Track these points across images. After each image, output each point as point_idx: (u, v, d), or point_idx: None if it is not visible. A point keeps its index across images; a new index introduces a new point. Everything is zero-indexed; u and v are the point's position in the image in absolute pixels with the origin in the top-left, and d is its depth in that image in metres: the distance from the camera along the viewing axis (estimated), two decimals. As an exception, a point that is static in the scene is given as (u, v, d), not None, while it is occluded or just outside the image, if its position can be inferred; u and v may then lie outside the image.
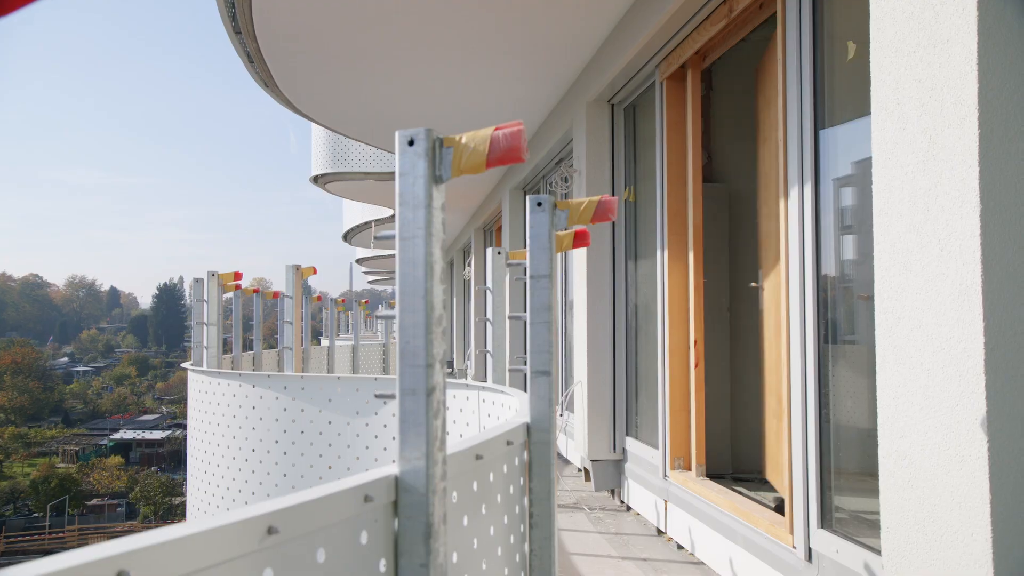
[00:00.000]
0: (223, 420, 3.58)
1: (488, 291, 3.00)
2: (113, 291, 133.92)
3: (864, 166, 3.02)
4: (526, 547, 1.59)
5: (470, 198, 12.85)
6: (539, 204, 1.62)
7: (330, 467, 3.27)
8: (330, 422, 3.27)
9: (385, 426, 3.13)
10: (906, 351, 2.11)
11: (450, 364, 21.44)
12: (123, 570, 0.68)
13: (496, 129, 1.04)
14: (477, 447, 1.29)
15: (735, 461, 5.63)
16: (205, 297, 4.40)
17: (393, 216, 14.65)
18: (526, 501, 1.60)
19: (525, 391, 3.06)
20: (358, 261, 28.18)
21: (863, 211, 3.13)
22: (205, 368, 3.84)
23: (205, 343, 4.33)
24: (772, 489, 4.81)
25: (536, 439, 1.60)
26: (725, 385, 5.59)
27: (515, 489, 1.53)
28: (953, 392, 1.91)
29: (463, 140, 1.04)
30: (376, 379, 3.25)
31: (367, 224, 15.68)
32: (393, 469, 1.07)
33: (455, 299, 21.57)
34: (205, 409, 3.71)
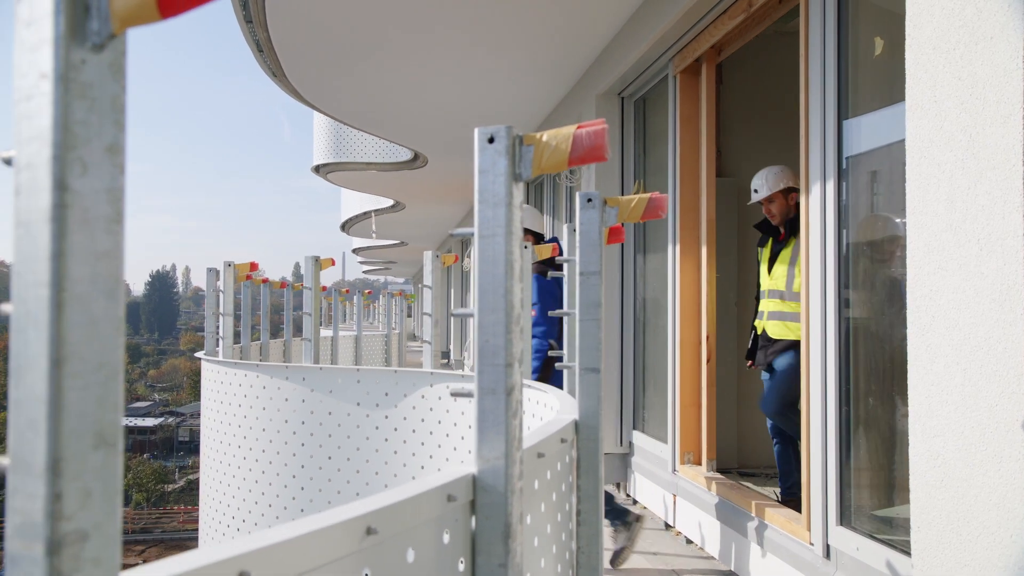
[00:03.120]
0: (239, 411, 3.57)
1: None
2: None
3: (889, 158, 3.02)
4: (573, 544, 1.59)
5: (468, 189, 12.81)
6: (589, 200, 1.61)
7: (348, 459, 3.27)
8: (349, 414, 3.26)
9: (405, 419, 3.12)
10: (941, 350, 2.11)
11: (446, 355, 21.41)
12: (245, 570, 0.67)
13: (579, 127, 1.03)
14: (539, 445, 1.29)
15: (741, 456, 5.65)
16: (221, 287, 4.38)
17: (393, 206, 14.59)
18: (574, 498, 1.59)
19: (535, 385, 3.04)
20: (354, 251, 28.15)
21: (888, 204, 3.13)
22: (221, 358, 3.83)
23: (220, 333, 4.31)
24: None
25: (584, 436, 1.59)
26: (732, 380, 5.60)
27: (566, 487, 1.53)
28: (992, 392, 1.92)
29: (544, 138, 1.02)
30: (396, 371, 3.25)
31: (366, 214, 15.64)
32: (469, 468, 1.06)
33: (451, 289, 21.55)
34: (220, 400, 3.69)
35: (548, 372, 4.36)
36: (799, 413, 3.93)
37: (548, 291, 4.48)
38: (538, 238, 4.70)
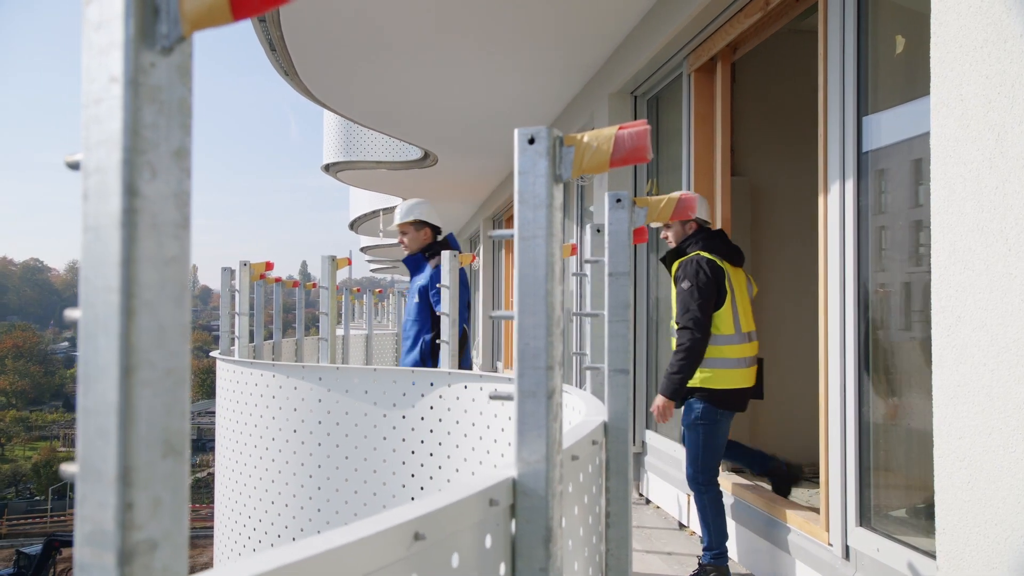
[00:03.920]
0: (255, 410, 3.57)
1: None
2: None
3: (909, 153, 3.00)
4: (602, 547, 1.58)
5: (478, 188, 12.81)
6: (618, 200, 1.60)
7: (365, 459, 3.26)
8: (366, 414, 3.26)
9: (422, 419, 3.12)
10: (967, 351, 2.09)
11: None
12: (302, 578, 0.66)
13: (620, 128, 1.02)
14: (573, 447, 1.28)
15: (754, 455, 5.62)
16: (237, 287, 4.38)
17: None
18: (603, 500, 1.58)
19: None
20: (362, 249, 28.16)
21: (908, 202, 3.11)
22: (237, 358, 3.83)
23: (236, 333, 4.33)
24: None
25: (614, 437, 1.59)
26: (745, 379, 5.57)
27: (596, 489, 1.52)
28: (1021, 393, 1.90)
29: (585, 139, 1.02)
30: (413, 371, 3.24)
31: (375, 213, 15.64)
32: (509, 472, 1.06)
33: (460, 289, 21.56)
34: (236, 399, 3.70)
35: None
36: (716, 481, 3.80)
37: (462, 282, 4.54)
38: (435, 231, 4.86)
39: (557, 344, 1.04)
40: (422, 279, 4.67)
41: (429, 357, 4.49)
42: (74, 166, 0.53)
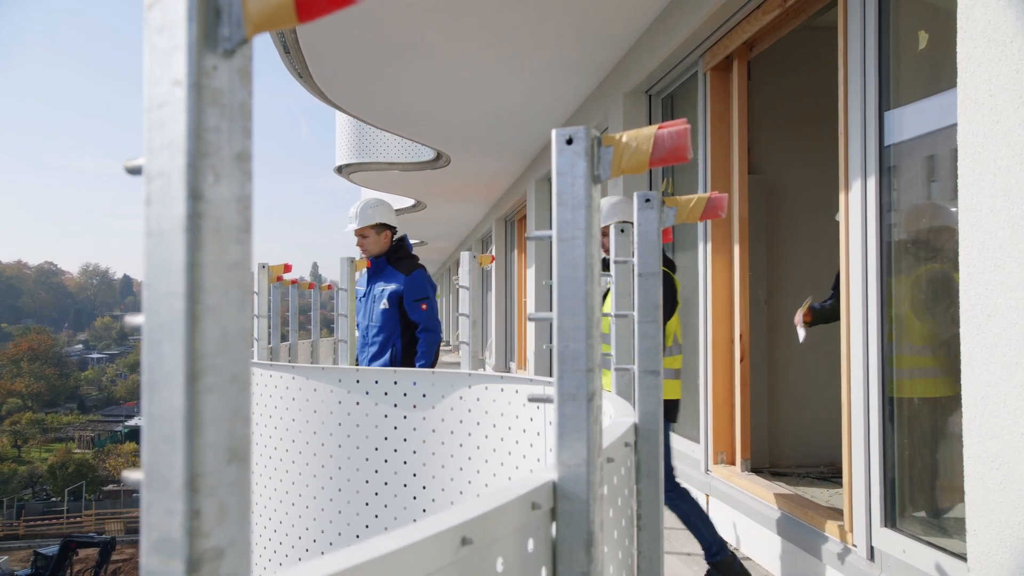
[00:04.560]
0: (275, 412, 3.58)
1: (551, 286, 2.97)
2: (126, 279, 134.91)
3: (933, 147, 2.97)
4: (634, 550, 1.57)
5: (491, 188, 12.81)
6: (647, 200, 1.59)
7: (386, 460, 3.26)
8: (386, 416, 3.25)
9: (443, 420, 3.12)
10: (998, 349, 2.06)
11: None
12: (358, 583, 0.66)
13: (660, 127, 1.01)
14: (608, 449, 1.27)
15: (772, 456, 5.59)
16: (256, 288, 4.40)
17: (414, 206, 14.59)
18: (634, 503, 1.57)
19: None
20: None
21: (931, 196, 3.08)
22: (257, 360, 3.84)
23: (256, 335, 4.35)
24: (812, 484, 4.78)
25: (644, 439, 1.57)
26: (762, 379, 5.54)
27: (628, 491, 1.51)
28: (1055, 393, 1.87)
29: (623, 139, 1.01)
30: (433, 372, 3.24)
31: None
32: (549, 475, 1.05)
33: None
34: (255, 401, 3.70)
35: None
36: (678, 483, 3.78)
37: (433, 287, 4.52)
38: (393, 232, 4.81)
39: (597, 346, 1.03)
40: (393, 285, 4.50)
41: (400, 363, 4.45)
42: (135, 171, 0.53)
